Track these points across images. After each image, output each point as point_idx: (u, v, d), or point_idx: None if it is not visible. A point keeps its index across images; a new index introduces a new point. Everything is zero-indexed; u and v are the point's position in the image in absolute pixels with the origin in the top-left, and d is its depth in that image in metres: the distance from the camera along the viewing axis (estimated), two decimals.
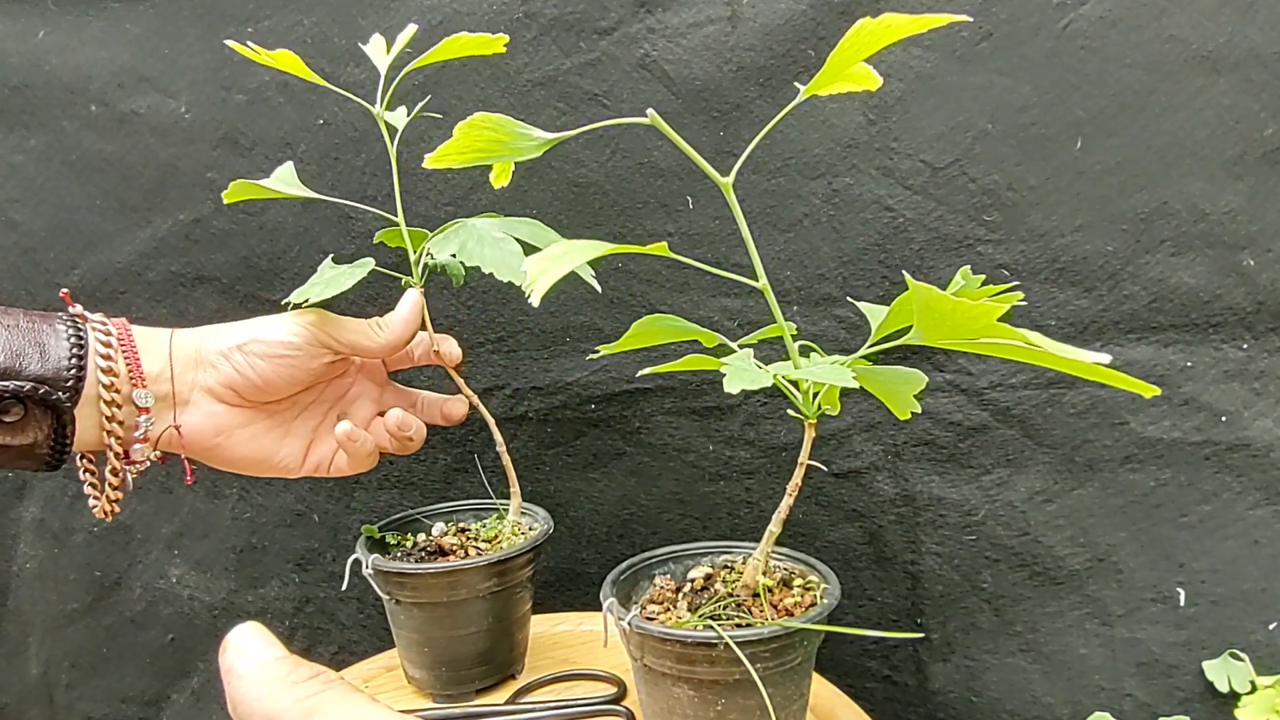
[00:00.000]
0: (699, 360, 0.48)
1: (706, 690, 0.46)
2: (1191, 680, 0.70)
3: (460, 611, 0.63)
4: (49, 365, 0.47)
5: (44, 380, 0.47)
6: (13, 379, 0.46)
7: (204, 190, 0.83)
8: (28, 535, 0.92)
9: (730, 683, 0.45)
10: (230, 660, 0.29)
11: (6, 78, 0.84)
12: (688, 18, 0.74)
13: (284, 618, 0.89)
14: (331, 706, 0.27)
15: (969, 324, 0.38)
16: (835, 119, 0.73)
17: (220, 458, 0.57)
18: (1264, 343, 0.68)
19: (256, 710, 0.28)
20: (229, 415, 0.56)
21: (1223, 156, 0.67)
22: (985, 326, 0.38)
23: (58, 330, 0.49)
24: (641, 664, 0.48)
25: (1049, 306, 0.71)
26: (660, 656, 0.46)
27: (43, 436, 0.48)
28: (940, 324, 0.39)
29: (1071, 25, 0.68)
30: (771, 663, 0.45)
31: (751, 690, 0.45)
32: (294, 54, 0.58)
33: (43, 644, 0.93)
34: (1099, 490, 0.71)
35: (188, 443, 0.55)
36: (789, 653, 0.46)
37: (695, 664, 0.45)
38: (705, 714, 0.46)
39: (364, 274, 0.60)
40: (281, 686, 0.28)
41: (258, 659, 0.29)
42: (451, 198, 0.79)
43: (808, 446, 0.48)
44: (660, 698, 0.48)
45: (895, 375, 0.47)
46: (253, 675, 0.28)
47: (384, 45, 0.62)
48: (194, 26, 0.82)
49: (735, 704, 0.45)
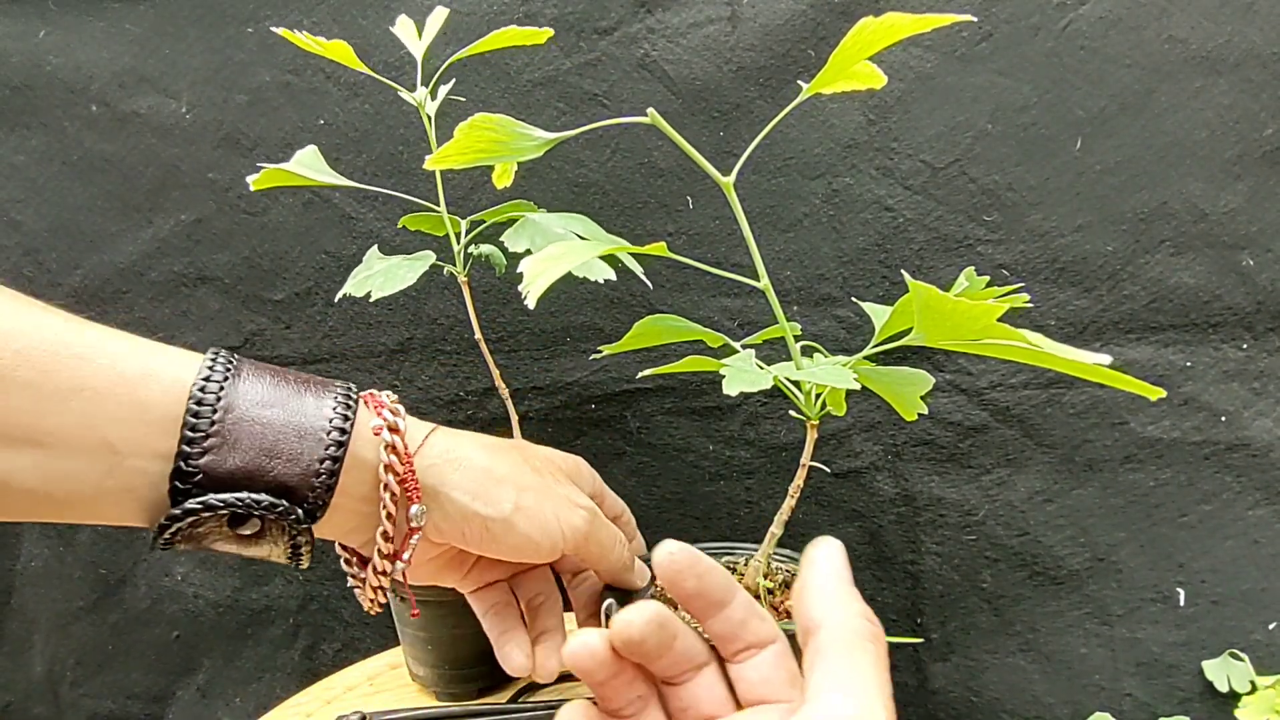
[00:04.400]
0: (699, 361, 0.48)
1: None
2: (1191, 680, 0.70)
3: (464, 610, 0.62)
4: (296, 467, 0.37)
5: (287, 490, 0.36)
6: (252, 487, 0.36)
7: (205, 190, 0.84)
8: (32, 533, 0.92)
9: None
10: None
11: (7, 78, 0.85)
12: (688, 18, 0.74)
13: (288, 615, 0.90)
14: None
15: (969, 324, 0.38)
16: (835, 119, 0.73)
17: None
18: (1264, 343, 0.68)
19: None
20: (425, 552, 0.44)
21: (1222, 156, 0.67)
22: (986, 327, 0.38)
23: (321, 411, 0.38)
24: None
25: (1049, 306, 0.71)
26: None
27: (279, 551, 0.38)
28: (941, 324, 0.39)
29: (1071, 25, 0.68)
30: None
31: None
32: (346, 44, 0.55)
33: (48, 642, 0.94)
34: (1099, 490, 0.71)
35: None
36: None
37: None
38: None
39: (425, 267, 0.57)
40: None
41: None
42: (452, 197, 0.79)
43: (810, 448, 0.47)
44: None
45: (901, 376, 0.47)
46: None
47: (414, 28, 0.61)
48: (195, 26, 0.82)
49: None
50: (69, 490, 0.34)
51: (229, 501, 0.35)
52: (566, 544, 0.44)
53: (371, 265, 0.59)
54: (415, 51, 0.60)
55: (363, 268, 0.60)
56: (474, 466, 0.43)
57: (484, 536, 0.42)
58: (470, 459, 0.43)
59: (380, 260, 0.60)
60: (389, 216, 0.82)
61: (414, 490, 0.40)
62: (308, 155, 0.58)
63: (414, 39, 0.60)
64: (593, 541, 0.45)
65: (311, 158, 0.58)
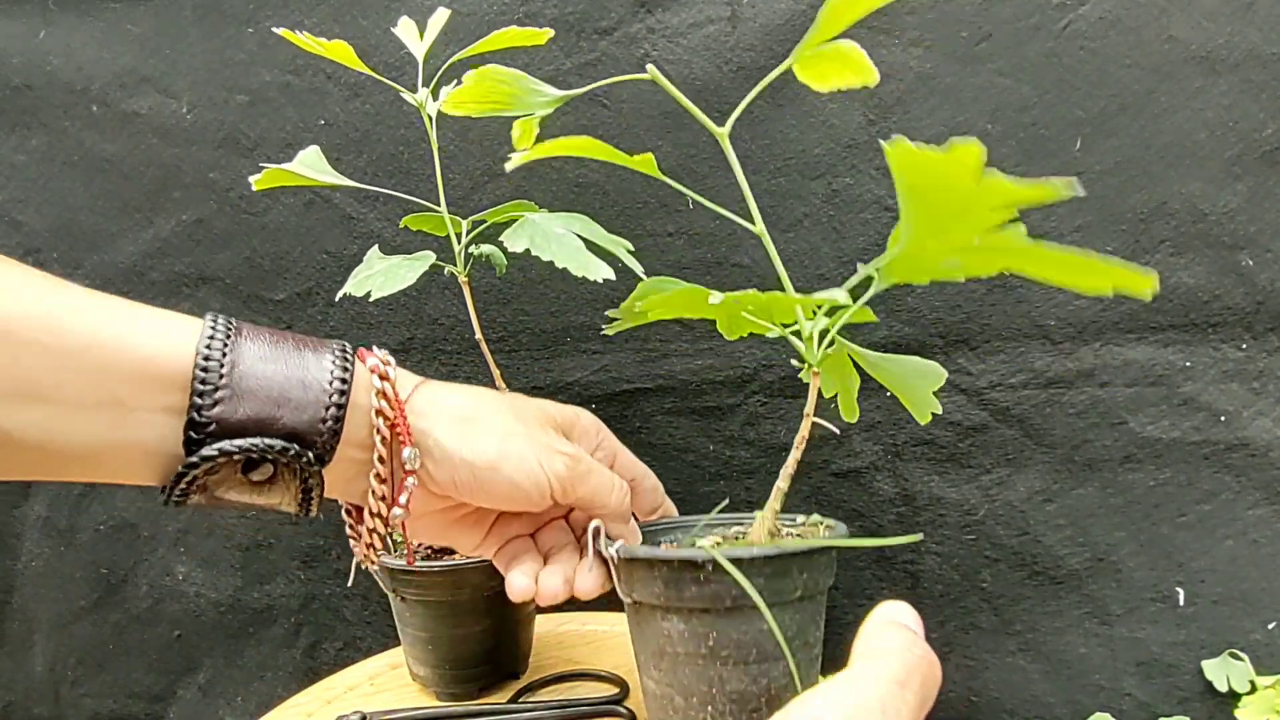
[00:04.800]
0: (693, 291, 0.42)
1: (696, 621, 0.41)
2: (1191, 680, 0.70)
3: (464, 610, 0.63)
4: (304, 414, 0.38)
5: (296, 435, 0.38)
6: (264, 433, 0.37)
7: (206, 190, 0.84)
8: (33, 533, 0.92)
9: (722, 611, 0.40)
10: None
11: (8, 78, 0.85)
12: (688, 18, 0.74)
13: (289, 614, 0.90)
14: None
15: (975, 213, 0.29)
16: (835, 119, 0.73)
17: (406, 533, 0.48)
18: (1263, 342, 0.68)
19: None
20: (424, 502, 0.45)
21: (1222, 156, 0.67)
22: (997, 211, 0.29)
23: (321, 365, 0.40)
24: (631, 602, 0.44)
25: (1049, 306, 0.71)
26: (648, 585, 0.42)
27: (289, 498, 0.40)
28: (933, 215, 0.31)
29: (1071, 25, 0.68)
30: (765, 591, 0.39)
31: (745, 621, 0.40)
32: (347, 44, 0.55)
33: (49, 641, 0.94)
34: (1099, 490, 0.71)
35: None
36: (784, 579, 0.40)
37: (683, 589, 0.40)
38: (696, 650, 0.41)
39: (425, 267, 0.58)
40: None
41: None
42: (453, 197, 0.79)
43: (813, 398, 0.44)
44: (650, 638, 0.43)
45: (913, 368, 0.45)
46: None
47: (415, 29, 0.61)
48: (195, 27, 0.82)
49: (729, 638, 0.40)
50: (76, 445, 0.35)
51: (244, 447, 0.37)
52: (554, 490, 0.45)
53: (372, 265, 0.59)
54: (416, 52, 0.60)
55: (363, 267, 0.60)
56: (460, 414, 0.44)
57: (473, 483, 0.43)
58: (457, 407, 0.45)
59: (381, 260, 0.60)
60: (390, 216, 0.82)
61: (405, 434, 0.42)
62: (310, 155, 0.58)
63: (415, 40, 0.60)
64: (581, 486, 0.46)
65: (313, 158, 0.58)
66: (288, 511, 0.41)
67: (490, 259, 0.65)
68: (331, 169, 0.59)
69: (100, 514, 0.91)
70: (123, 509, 0.91)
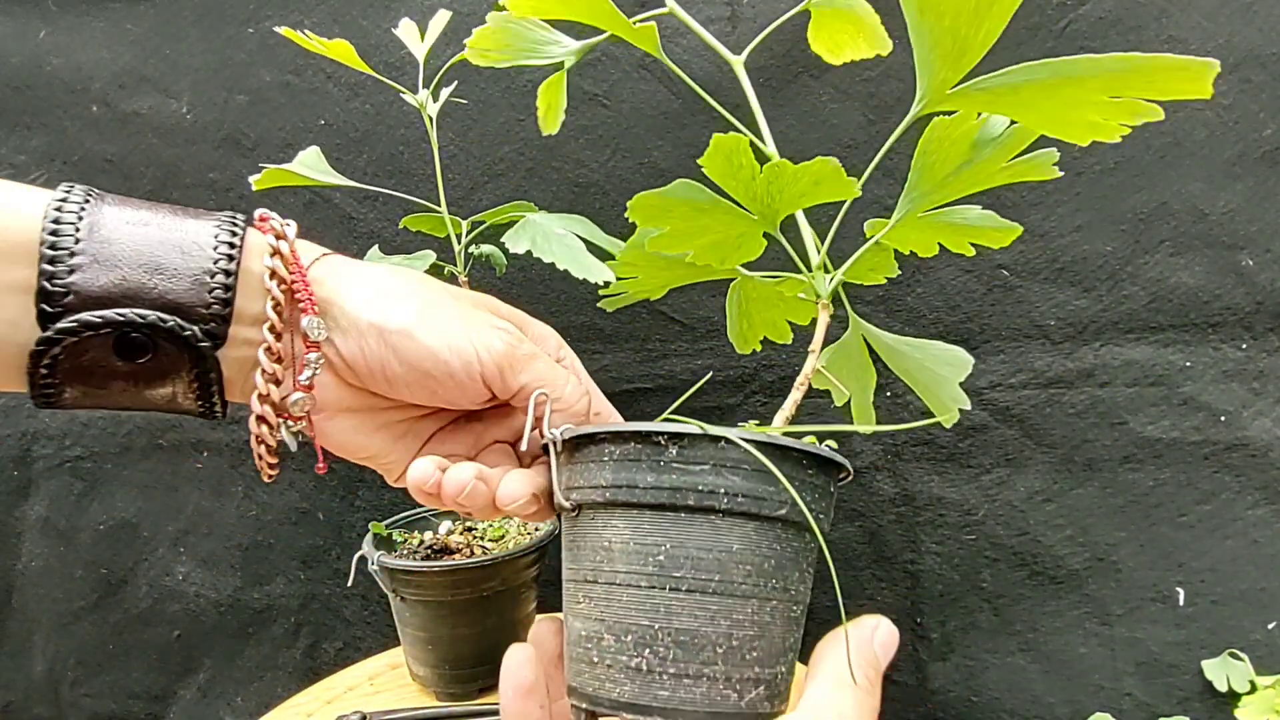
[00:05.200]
0: (688, 189, 0.37)
1: (648, 525, 0.31)
2: (1191, 680, 0.70)
3: (464, 610, 0.63)
4: (182, 281, 0.32)
5: (176, 307, 0.32)
6: (135, 304, 0.31)
7: (206, 190, 0.84)
8: (33, 533, 0.92)
9: (682, 512, 0.31)
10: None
11: (8, 78, 0.85)
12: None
13: (289, 614, 0.90)
14: None
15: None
16: (835, 119, 0.73)
17: (317, 433, 0.39)
18: (1263, 343, 0.68)
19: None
20: (336, 391, 0.37)
21: (1222, 156, 0.67)
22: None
23: (204, 229, 0.34)
24: (570, 508, 0.34)
25: (1049, 306, 0.71)
26: (592, 475, 0.33)
27: (184, 389, 0.34)
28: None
29: (1071, 25, 0.68)
30: (747, 495, 0.31)
31: (712, 533, 0.31)
32: (348, 43, 0.55)
33: (49, 641, 0.94)
34: (1098, 490, 0.71)
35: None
36: (775, 484, 0.31)
37: (637, 475, 0.31)
38: (641, 567, 0.31)
39: (425, 267, 0.57)
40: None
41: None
42: (453, 197, 0.79)
43: (821, 333, 0.39)
44: (583, 557, 0.33)
45: (937, 354, 0.41)
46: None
47: (417, 31, 0.61)
48: (195, 27, 0.82)
49: (685, 554, 0.31)
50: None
51: (109, 319, 0.31)
52: (485, 367, 0.36)
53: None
54: (417, 54, 0.60)
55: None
56: (372, 280, 0.37)
57: (385, 356, 0.36)
58: (369, 274, 0.38)
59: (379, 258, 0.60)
60: (390, 216, 0.82)
61: (307, 299, 0.35)
62: (310, 156, 0.58)
63: (416, 42, 0.60)
64: (523, 371, 0.37)
65: (313, 158, 0.58)
66: (188, 411, 0.35)
67: (490, 259, 0.65)
68: (331, 169, 0.59)
69: (100, 514, 0.91)
70: (123, 509, 0.91)
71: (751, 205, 0.36)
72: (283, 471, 0.89)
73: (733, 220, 0.36)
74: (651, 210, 0.35)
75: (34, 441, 0.91)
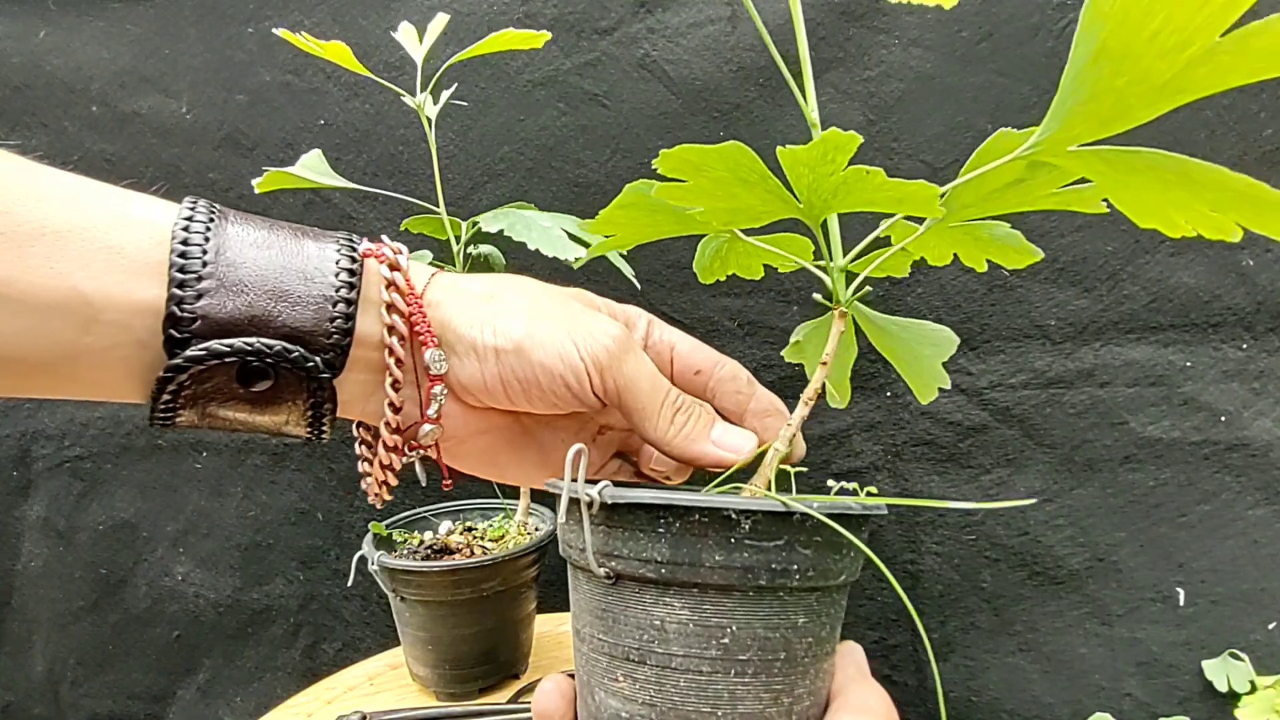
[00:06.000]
0: (738, 153, 0.34)
1: (710, 607, 0.29)
2: (1191, 680, 0.70)
3: (464, 610, 0.63)
4: (306, 310, 0.32)
5: (299, 336, 0.32)
6: (261, 333, 0.31)
7: (206, 191, 0.84)
8: (32, 534, 0.92)
9: (749, 593, 0.29)
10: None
11: (8, 78, 0.85)
12: (688, 18, 0.74)
13: (288, 614, 0.90)
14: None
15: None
16: (835, 119, 0.73)
17: (445, 457, 0.40)
18: (1263, 343, 0.68)
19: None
20: (461, 417, 0.38)
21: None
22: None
23: (324, 254, 0.33)
24: (605, 575, 0.30)
25: (1049, 306, 0.71)
26: (643, 547, 0.29)
27: (297, 416, 0.34)
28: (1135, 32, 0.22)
29: (1071, 25, 0.68)
30: (814, 567, 0.29)
31: (779, 610, 0.29)
32: (345, 46, 0.55)
33: (48, 642, 0.94)
34: (1099, 490, 0.71)
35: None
36: (837, 552, 0.30)
37: (704, 555, 0.29)
38: (702, 651, 0.29)
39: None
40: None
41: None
42: (453, 198, 0.79)
43: (834, 339, 0.38)
44: (626, 633, 0.30)
45: (923, 333, 0.41)
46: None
47: (415, 33, 0.62)
48: (195, 27, 0.82)
49: (752, 634, 0.29)
50: (42, 350, 0.30)
51: (237, 348, 0.30)
52: (592, 371, 0.36)
53: None
54: (416, 56, 0.60)
55: None
56: (480, 294, 0.37)
57: (501, 376, 0.36)
58: (477, 288, 0.37)
59: None
60: (389, 217, 0.82)
61: (426, 332, 0.35)
62: (311, 159, 0.59)
63: (415, 44, 0.61)
64: (618, 371, 0.36)
65: (315, 161, 0.59)
66: (296, 436, 0.34)
67: (489, 259, 0.66)
68: (333, 171, 0.60)
69: (100, 514, 0.91)
70: (122, 509, 0.91)
71: (809, 198, 0.33)
72: (282, 472, 0.90)
73: (770, 201, 0.34)
74: (686, 165, 0.32)
75: (34, 442, 0.91)
